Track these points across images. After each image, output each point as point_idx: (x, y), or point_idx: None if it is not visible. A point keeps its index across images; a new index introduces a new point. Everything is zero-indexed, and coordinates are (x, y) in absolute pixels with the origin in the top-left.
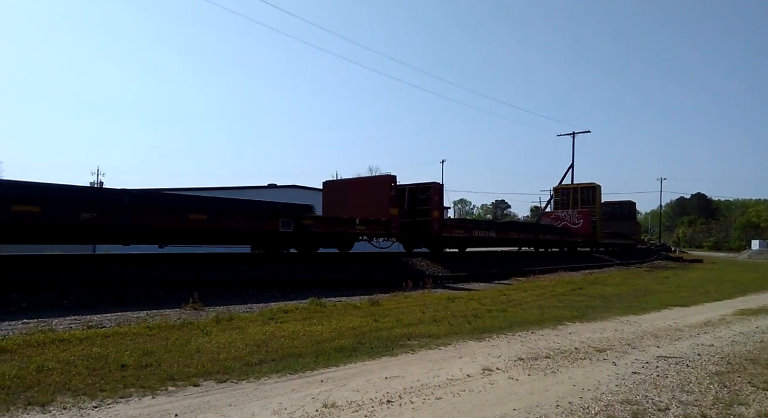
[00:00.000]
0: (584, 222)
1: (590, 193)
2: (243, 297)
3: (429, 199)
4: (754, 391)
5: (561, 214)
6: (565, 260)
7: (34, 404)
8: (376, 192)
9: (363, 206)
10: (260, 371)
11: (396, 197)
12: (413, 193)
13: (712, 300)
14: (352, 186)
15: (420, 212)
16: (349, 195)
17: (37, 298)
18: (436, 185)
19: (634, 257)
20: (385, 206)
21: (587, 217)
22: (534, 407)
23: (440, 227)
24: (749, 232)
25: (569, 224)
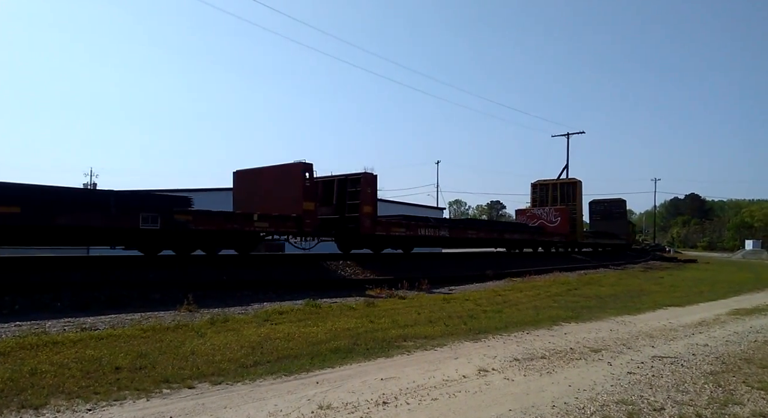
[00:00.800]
0: (561, 220)
1: (570, 190)
2: (238, 299)
3: (360, 193)
4: (749, 390)
5: (537, 211)
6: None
7: (27, 407)
8: (286, 183)
9: (272, 200)
10: (255, 373)
11: (312, 189)
12: (342, 185)
13: (706, 300)
14: (263, 176)
15: (349, 207)
16: (260, 187)
17: (31, 300)
18: (367, 176)
19: (621, 258)
20: (298, 199)
21: (565, 215)
22: (530, 408)
23: (373, 224)
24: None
25: (545, 223)
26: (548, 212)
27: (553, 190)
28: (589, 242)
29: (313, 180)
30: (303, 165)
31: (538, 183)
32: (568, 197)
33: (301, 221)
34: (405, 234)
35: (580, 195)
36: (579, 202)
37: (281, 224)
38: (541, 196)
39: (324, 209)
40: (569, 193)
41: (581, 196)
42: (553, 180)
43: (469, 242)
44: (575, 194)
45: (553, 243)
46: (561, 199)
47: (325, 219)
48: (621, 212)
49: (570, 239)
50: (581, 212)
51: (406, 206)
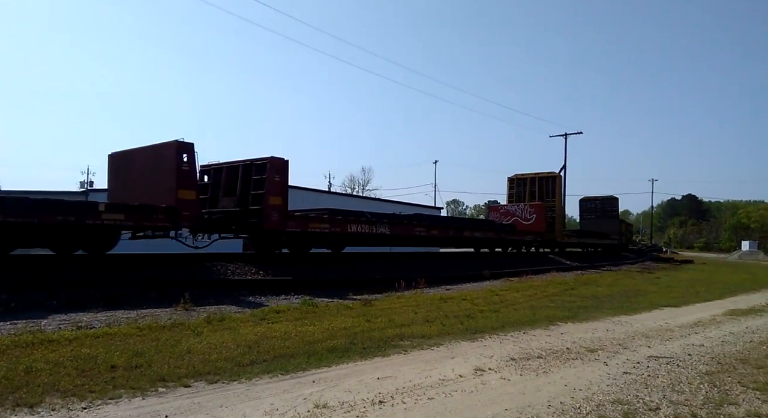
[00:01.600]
0: (537, 218)
1: (549, 184)
2: (235, 297)
3: (265, 181)
4: (744, 391)
5: (511, 208)
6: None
7: (22, 405)
8: (158, 167)
9: (144, 187)
10: (252, 372)
11: (191, 174)
12: (247, 172)
13: (702, 300)
14: (135, 159)
15: (253, 197)
16: (133, 173)
17: (26, 298)
18: (275, 161)
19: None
20: (171, 187)
21: (540, 211)
22: (526, 407)
23: (282, 218)
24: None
25: (520, 220)
26: (523, 208)
27: (531, 185)
28: (571, 242)
29: (194, 164)
30: (178, 145)
31: (515, 177)
32: (547, 193)
33: (176, 213)
34: (330, 231)
35: (561, 190)
36: (559, 198)
37: (144, 216)
38: (518, 192)
39: (226, 200)
40: (548, 188)
41: (561, 192)
42: (531, 174)
43: (418, 240)
44: (554, 190)
45: (525, 242)
46: (540, 195)
47: (227, 212)
48: (613, 211)
49: (547, 237)
50: (562, 209)
51: (403, 206)
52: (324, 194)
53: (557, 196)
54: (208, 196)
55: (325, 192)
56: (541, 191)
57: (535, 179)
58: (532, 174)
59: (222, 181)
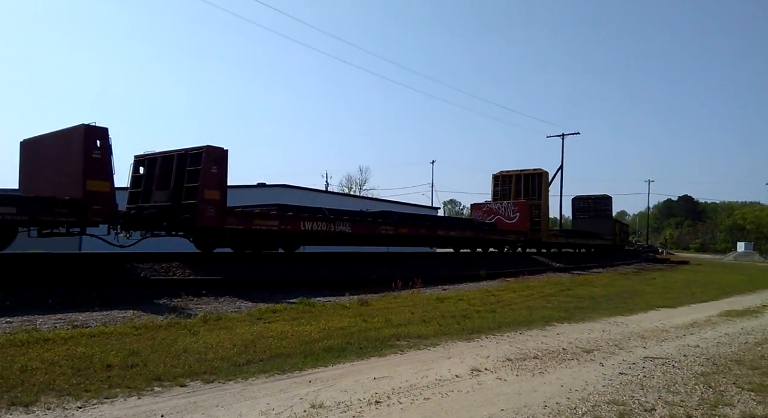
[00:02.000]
0: (521, 216)
1: (536, 182)
2: (231, 297)
3: (201, 172)
4: (739, 392)
5: (494, 206)
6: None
7: (17, 404)
8: (66, 154)
9: (51, 177)
10: (248, 372)
11: (106, 164)
12: (182, 164)
13: (698, 301)
14: (44, 146)
15: (187, 191)
16: (42, 161)
17: (21, 297)
18: (212, 150)
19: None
20: (77, 177)
21: (524, 209)
22: (522, 408)
23: (220, 214)
24: (735, 234)
25: (503, 219)
26: (506, 206)
27: (516, 183)
28: (558, 242)
29: (109, 151)
30: (87, 129)
31: (500, 174)
32: (533, 191)
33: (83, 207)
34: (279, 228)
35: (547, 188)
36: (545, 196)
37: (43, 209)
38: (503, 190)
39: (159, 194)
40: (534, 185)
41: (547, 190)
42: (517, 171)
43: (385, 239)
44: (541, 187)
45: (507, 242)
46: (525, 193)
47: (159, 207)
48: (606, 210)
49: (531, 237)
50: (547, 208)
51: (400, 206)
52: (321, 194)
53: (543, 194)
54: (141, 190)
55: (322, 192)
56: (527, 189)
57: (521, 176)
58: (517, 171)
59: (156, 173)
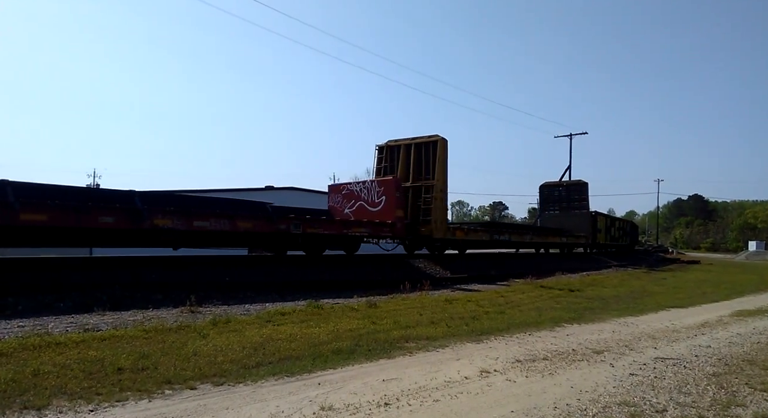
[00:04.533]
0: (387, 202)
1: (429, 155)
2: (240, 299)
3: None
4: (752, 392)
5: (356, 188)
6: None
7: (30, 408)
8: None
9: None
10: (257, 374)
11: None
12: None
13: (709, 301)
14: (365, 188)
15: None
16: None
17: (33, 300)
18: None
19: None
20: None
21: (391, 191)
22: (532, 409)
23: None
24: (746, 233)
25: (366, 206)
26: (369, 188)
27: (405, 155)
28: (469, 240)
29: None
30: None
31: (386, 145)
32: (426, 168)
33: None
34: None
35: (444, 164)
36: (441, 173)
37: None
38: (390, 166)
39: None
40: (427, 160)
41: (444, 166)
42: (407, 140)
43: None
44: (435, 163)
45: (351, 241)
46: (416, 170)
47: None
48: (581, 200)
49: (402, 234)
50: (445, 190)
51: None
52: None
53: (438, 171)
54: None
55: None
56: (418, 164)
57: (411, 146)
58: (407, 139)
59: None
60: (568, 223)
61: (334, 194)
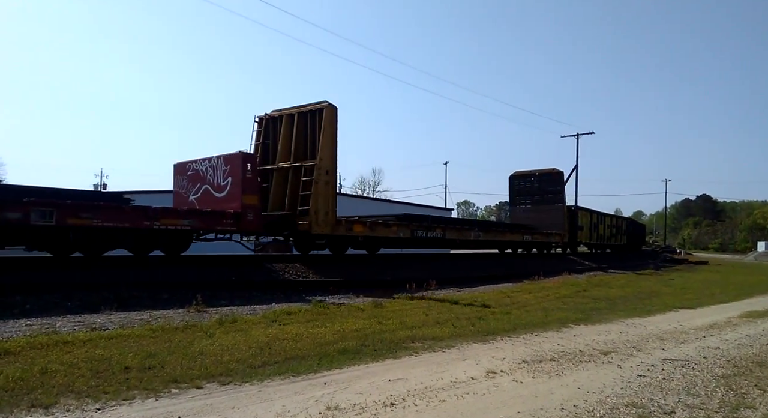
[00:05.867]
0: (233, 185)
1: (314, 128)
2: (246, 299)
3: None
4: (761, 394)
5: (203, 167)
6: None
7: (37, 406)
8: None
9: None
10: (263, 374)
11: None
12: None
13: (717, 302)
14: (203, 168)
15: None
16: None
17: (41, 300)
18: None
19: None
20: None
21: (239, 171)
22: (538, 410)
23: None
24: (755, 234)
25: (212, 191)
26: (215, 166)
27: (288, 128)
28: (376, 237)
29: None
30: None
31: (266, 116)
32: (313, 143)
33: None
34: None
35: (332, 140)
36: (327, 150)
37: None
38: (274, 143)
39: None
40: (312, 133)
41: (332, 139)
42: (292, 109)
43: None
44: (319, 138)
45: (180, 236)
46: (302, 147)
47: None
48: (556, 192)
49: (255, 227)
50: (332, 172)
51: (413, 207)
52: None
53: (323, 148)
54: None
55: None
56: (303, 139)
57: (294, 117)
58: (292, 108)
59: None
60: (542, 218)
61: (179, 176)
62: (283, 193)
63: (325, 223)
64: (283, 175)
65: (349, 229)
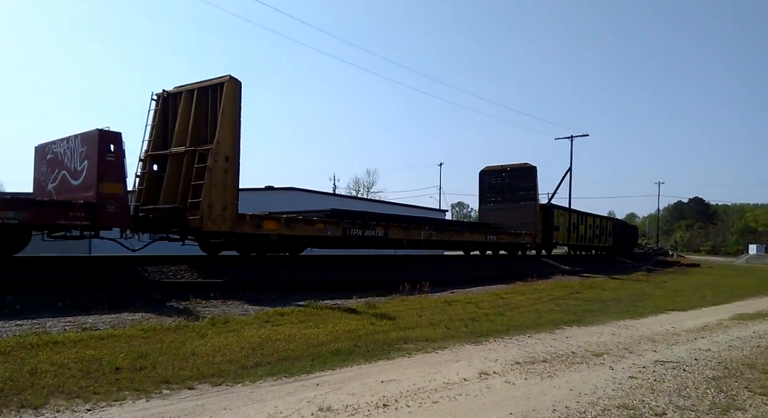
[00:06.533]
0: (89, 170)
1: (216, 105)
2: (239, 300)
3: None
4: (751, 396)
5: (61, 149)
6: None
7: (27, 406)
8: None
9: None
10: (256, 375)
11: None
12: None
13: (709, 304)
14: (61, 150)
15: None
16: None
17: (31, 299)
18: None
19: None
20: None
21: (95, 152)
22: (531, 412)
23: None
24: (747, 236)
25: (69, 177)
26: (73, 148)
27: (187, 107)
28: (294, 235)
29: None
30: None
31: (164, 94)
32: (213, 124)
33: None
34: None
35: (233, 118)
36: (227, 134)
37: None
38: (173, 124)
39: None
40: (214, 111)
41: (234, 120)
42: (191, 85)
43: None
44: (217, 117)
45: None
46: (202, 129)
47: None
48: (528, 189)
49: (121, 222)
50: (230, 158)
51: (407, 208)
52: (329, 196)
53: (222, 131)
54: None
55: (330, 194)
56: (203, 120)
57: (193, 93)
58: (193, 84)
59: None
60: (512, 217)
61: (39, 161)
62: (177, 184)
63: (222, 218)
64: (179, 162)
65: (256, 226)
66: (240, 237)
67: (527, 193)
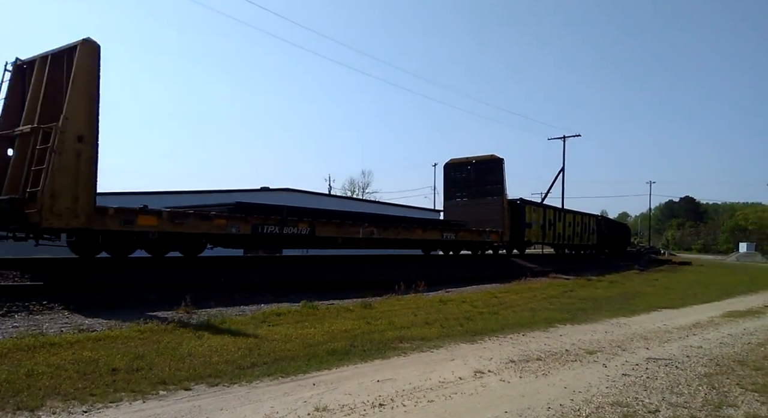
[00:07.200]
0: None
1: (63, 80)
2: (235, 300)
3: None
4: (743, 392)
5: None
6: None
7: (23, 408)
8: None
9: None
10: (252, 375)
11: None
12: None
13: (700, 302)
14: None
15: None
16: None
17: (28, 301)
18: None
19: None
20: None
21: None
22: (525, 410)
23: None
24: (737, 235)
25: None
26: None
27: (39, 79)
28: (183, 233)
29: None
30: None
31: (19, 64)
32: (55, 98)
33: None
34: None
35: (87, 91)
36: (78, 109)
37: None
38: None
39: None
40: (66, 80)
41: (95, 107)
42: (47, 53)
43: None
44: (63, 88)
45: None
46: (53, 105)
47: None
48: (494, 183)
49: None
50: (83, 137)
51: (401, 209)
52: (324, 197)
53: (71, 105)
54: None
55: (326, 195)
56: (56, 95)
57: (47, 61)
58: (48, 52)
59: None
60: (478, 214)
61: None
62: (22, 169)
63: (71, 212)
64: (27, 143)
65: (126, 222)
66: (110, 235)
67: (494, 188)
